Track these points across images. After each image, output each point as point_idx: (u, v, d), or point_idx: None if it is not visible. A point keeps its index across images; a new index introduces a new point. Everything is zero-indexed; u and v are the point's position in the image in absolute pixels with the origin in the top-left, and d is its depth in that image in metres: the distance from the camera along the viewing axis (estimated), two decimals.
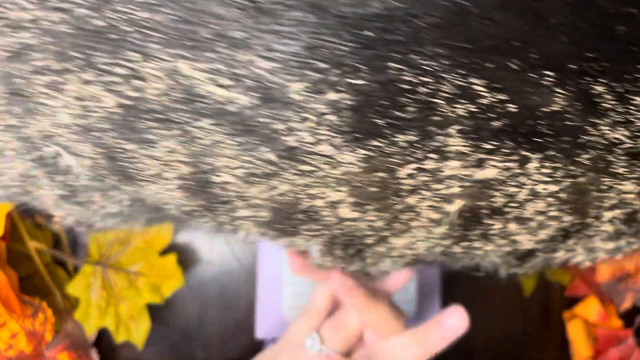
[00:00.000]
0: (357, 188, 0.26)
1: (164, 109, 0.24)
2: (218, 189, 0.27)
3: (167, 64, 0.22)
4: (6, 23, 0.23)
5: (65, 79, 0.24)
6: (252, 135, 0.24)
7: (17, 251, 0.45)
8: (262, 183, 0.26)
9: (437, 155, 0.24)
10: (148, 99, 0.23)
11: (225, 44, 0.21)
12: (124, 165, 0.27)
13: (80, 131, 0.26)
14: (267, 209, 0.28)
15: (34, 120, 0.26)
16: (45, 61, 0.23)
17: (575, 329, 0.54)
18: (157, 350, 0.51)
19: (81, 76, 0.23)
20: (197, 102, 0.23)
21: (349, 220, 0.28)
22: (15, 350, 0.42)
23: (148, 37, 0.22)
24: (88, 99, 0.24)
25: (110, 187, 0.30)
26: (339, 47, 0.21)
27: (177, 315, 0.51)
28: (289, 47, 0.21)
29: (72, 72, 0.23)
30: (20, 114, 0.26)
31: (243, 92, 0.22)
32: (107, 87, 0.23)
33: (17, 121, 0.27)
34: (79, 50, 0.23)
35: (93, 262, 0.47)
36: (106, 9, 0.22)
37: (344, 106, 0.22)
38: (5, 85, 0.25)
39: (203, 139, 0.24)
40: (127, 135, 0.25)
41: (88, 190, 0.31)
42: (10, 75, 0.24)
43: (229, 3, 0.21)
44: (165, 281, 0.47)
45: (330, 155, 0.24)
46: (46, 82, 0.24)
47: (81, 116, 0.25)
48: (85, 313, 0.46)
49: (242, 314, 0.52)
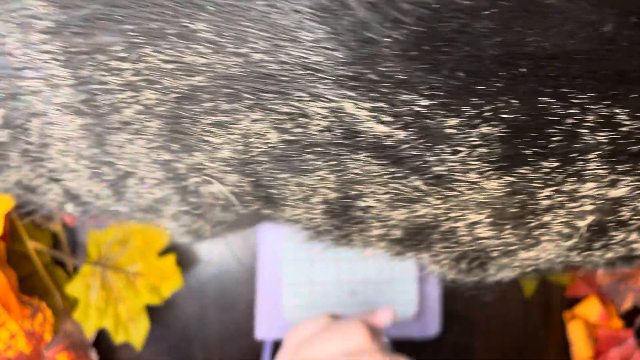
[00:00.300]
0: (496, 209, 0.28)
1: (324, 143, 0.25)
2: (359, 212, 0.29)
3: (333, 103, 0.24)
4: (179, 66, 0.24)
5: (234, 119, 0.25)
6: (404, 165, 0.25)
7: (17, 251, 0.45)
8: (405, 207, 0.28)
9: (576, 179, 0.26)
10: (310, 135, 0.25)
11: (390, 84, 0.23)
12: (271, 192, 0.29)
13: (236, 164, 0.27)
14: (402, 228, 0.30)
15: (190, 156, 0.27)
16: (214, 102, 0.25)
17: (576, 330, 0.54)
18: (156, 351, 0.51)
19: (250, 115, 0.25)
20: (356, 137, 0.25)
21: (483, 238, 0.30)
22: (15, 350, 0.42)
23: (318, 79, 0.23)
24: (253, 136, 0.26)
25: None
26: (495, 84, 0.23)
27: (177, 315, 0.51)
28: (448, 85, 0.23)
29: (242, 112, 0.25)
30: (177, 150, 0.27)
31: (401, 128, 0.24)
32: (274, 125, 0.25)
33: (172, 156, 0.28)
34: (250, 92, 0.24)
35: (92, 263, 0.47)
36: (281, 53, 0.23)
37: (495, 138, 0.24)
38: (169, 125, 0.26)
39: (356, 169, 0.26)
40: (283, 166, 0.27)
41: (214, 208, 0.33)
42: (178, 115, 0.25)
43: (395, 52, 0.22)
44: (164, 282, 0.47)
45: (476, 182, 0.26)
46: (213, 121, 0.25)
47: (242, 151, 0.27)
48: (85, 313, 0.46)
49: (242, 314, 0.52)
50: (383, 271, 0.51)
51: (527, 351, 0.57)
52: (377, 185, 0.27)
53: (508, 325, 0.57)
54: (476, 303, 0.56)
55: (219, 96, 0.24)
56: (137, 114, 0.26)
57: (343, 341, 0.37)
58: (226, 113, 0.25)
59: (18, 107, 0.27)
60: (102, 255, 0.47)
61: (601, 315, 0.53)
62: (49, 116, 0.27)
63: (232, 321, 0.52)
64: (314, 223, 0.31)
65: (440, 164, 0.25)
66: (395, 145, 0.25)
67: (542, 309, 0.57)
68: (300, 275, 0.50)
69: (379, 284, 0.51)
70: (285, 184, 0.28)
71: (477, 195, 0.27)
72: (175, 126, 0.26)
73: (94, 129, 0.27)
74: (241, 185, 0.29)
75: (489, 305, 0.56)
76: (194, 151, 0.27)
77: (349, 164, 0.26)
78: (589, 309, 0.54)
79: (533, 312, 0.57)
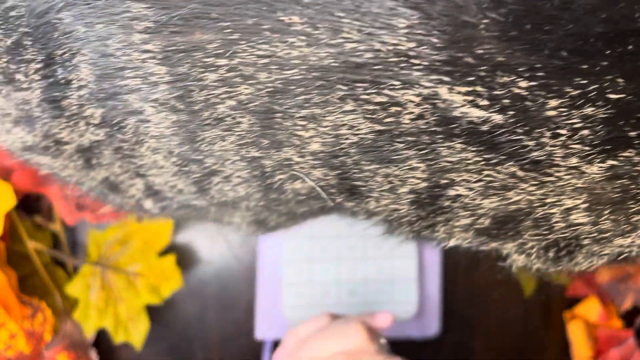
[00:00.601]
0: (594, 195, 0.27)
1: (416, 132, 0.25)
2: (449, 201, 0.28)
3: (427, 90, 0.23)
4: (273, 60, 0.24)
5: (326, 111, 0.25)
6: (500, 151, 0.25)
7: (17, 251, 0.45)
8: (498, 195, 0.27)
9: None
10: (402, 124, 0.24)
11: (487, 67, 0.22)
12: (357, 185, 0.28)
13: (325, 157, 0.27)
14: (491, 217, 0.29)
15: (279, 152, 0.27)
16: (307, 95, 0.24)
17: (576, 330, 0.54)
18: (156, 351, 0.51)
19: (342, 107, 0.24)
20: (450, 123, 0.24)
21: (578, 225, 0.29)
22: (15, 350, 0.42)
23: (412, 66, 0.23)
24: (344, 127, 0.25)
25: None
26: (600, 62, 0.22)
27: (177, 315, 0.51)
28: (549, 66, 0.22)
29: (333, 103, 0.24)
30: (266, 147, 0.27)
31: (498, 112, 0.23)
32: (365, 115, 0.24)
33: (260, 153, 0.28)
34: (342, 83, 0.24)
35: (92, 263, 0.47)
36: (374, 42, 0.23)
37: (598, 120, 0.23)
38: (260, 120, 0.26)
39: (449, 157, 0.25)
40: (372, 157, 0.26)
41: (290, 202, 0.33)
42: (270, 110, 0.25)
43: (493, 33, 0.22)
44: (164, 282, 0.47)
45: (576, 167, 0.25)
46: (305, 114, 0.25)
47: (332, 144, 0.26)
48: (85, 313, 0.46)
49: (242, 314, 0.52)
50: (383, 271, 0.51)
51: (527, 351, 0.57)
52: (469, 173, 0.26)
53: (508, 325, 0.57)
54: (476, 303, 0.56)
55: (311, 89, 0.24)
56: (230, 110, 0.26)
57: (341, 341, 0.37)
58: (318, 105, 0.25)
59: (117, 106, 0.27)
60: (102, 255, 0.47)
61: (601, 315, 0.53)
62: (145, 114, 0.27)
63: (232, 321, 0.52)
64: (398, 214, 0.30)
65: (538, 148, 0.24)
66: (491, 130, 0.24)
67: (542, 309, 0.57)
68: (300, 275, 0.50)
69: (379, 284, 0.51)
70: (373, 176, 0.28)
71: (575, 180, 0.26)
72: (267, 121, 0.26)
73: (187, 126, 0.27)
74: (327, 179, 0.29)
75: (489, 305, 0.56)
76: (283, 147, 0.27)
77: (442, 152, 0.25)
78: (589, 309, 0.54)
79: (533, 312, 0.57)
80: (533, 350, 0.57)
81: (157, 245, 0.48)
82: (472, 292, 0.56)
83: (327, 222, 0.50)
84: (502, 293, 0.56)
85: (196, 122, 0.27)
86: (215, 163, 0.29)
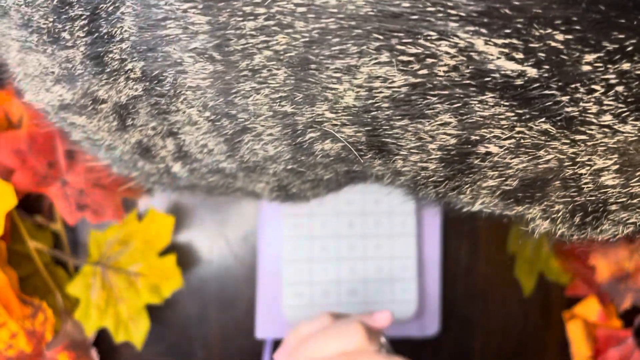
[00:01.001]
0: (626, 155, 0.26)
1: (450, 85, 0.25)
2: (478, 160, 0.28)
3: (463, 41, 0.23)
4: (311, 9, 0.24)
5: (361, 62, 0.25)
6: (533, 106, 0.24)
7: (18, 251, 0.45)
8: (528, 154, 0.27)
9: None
10: (436, 76, 0.24)
11: (524, 19, 0.22)
12: (386, 142, 0.28)
13: (357, 112, 0.27)
14: (519, 178, 0.29)
15: (312, 107, 0.27)
16: (343, 45, 0.24)
17: (575, 329, 0.54)
18: (157, 350, 0.51)
19: (377, 58, 0.24)
20: (484, 76, 0.24)
21: (608, 187, 0.28)
22: (15, 350, 0.42)
23: (449, 16, 0.23)
24: (378, 80, 0.25)
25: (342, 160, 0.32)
26: (639, 16, 0.21)
27: (177, 315, 0.51)
28: (587, 19, 0.22)
29: (369, 54, 0.24)
30: (299, 101, 0.27)
31: (534, 65, 0.23)
32: (400, 67, 0.24)
33: (293, 108, 0.28)
34: (379, 32, 0.24)
35: (93, 263, 0.47)
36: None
37: (635, 76, 0.23)
38: (295, 73, 0.26)
39: (481, 112, 0.25)
40: (404, 112, 0.26)
41: (317, 166, 0.33)
42: (305, 61, 0.25)
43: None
44: (164, 282, 0.47)
45: (610, 125, 0.25)
46: (340, 65, 0.25)
47: (365, 98, 0.26)
48: (85, 313, 0.46)
49: (242, 314, 0.52)
50: (383, 271, 0.51)
51: (526, 351, 0.57)
52: (501, 130, 0.26)
53: (507, 324, 0.57)
54: (476, 303, 0.56)
55: (347, 39, 0.24)
56: (266, 61, 0.26)
57: (341, 342, 0.37)
58: (353, 56, 0.25)
59: (157, 58, 0.28)
60: (103, 255, 0.47)
61: (600, 315, 0.53)
62: (183, 65, 0.27)
63: (233, 320, 0.52)
64: (425, 174, 0.30)
65: (572, 104, 0.24)
66: (525, 84, 0.24)
67: (542, 309, 0.57)
68: (301, 275, 0.50)
69: (379, 284, 0.51)
70: (404, 132, 0.27)
71: (608, 139, 0.25)
72: (302, 74, 0.26)
73: (223, 77, 0.27)
74: (357, 136, 0.29)
75: (489, 305, 0.56)
76: (316, 102, 0.27)
77: (474, 106, 0.25)
78: (588, 308, 0.54)
79: (532, 311, 0.57)
80: (532, 350, 0.57)
81: (158, 245, 0.48)
82: (472, 291, 0.56)
83: (327, 222, 0.50)
84: (501, 293, 0.56)
85: (232, 74, 0.27)
86: (247, 119, 0.29)
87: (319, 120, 0.28)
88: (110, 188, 0.44)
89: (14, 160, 0.41)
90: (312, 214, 0.50)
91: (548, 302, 0.57)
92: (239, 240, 0.52)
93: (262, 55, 0.26)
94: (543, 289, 0.57)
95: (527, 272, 0.56)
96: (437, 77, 0.24)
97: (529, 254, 0.56)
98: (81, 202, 0.44)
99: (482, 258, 0.56)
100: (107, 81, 0.29)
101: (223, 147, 0.33)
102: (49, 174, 0.43)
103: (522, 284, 0.56)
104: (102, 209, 0.44)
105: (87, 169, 0.43)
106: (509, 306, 0.57)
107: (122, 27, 0.27)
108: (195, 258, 0.52)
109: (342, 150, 0.30)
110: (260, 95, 0.28)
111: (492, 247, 0.56)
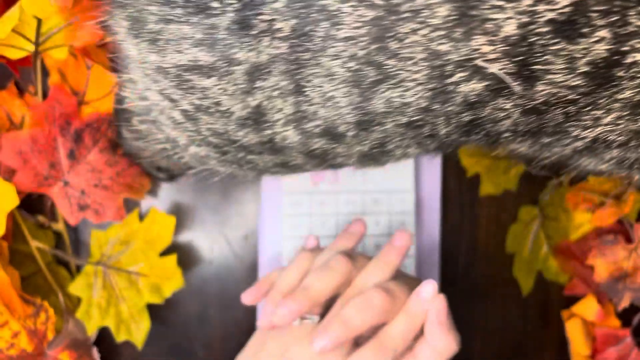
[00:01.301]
0: None
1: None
2: (622, 71, 0.28)
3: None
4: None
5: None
6: None
7: (20, 251, 0.46)
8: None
9: None
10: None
11: None
12: (534, 69, 0.28)
13: (515, 41, 0.27)
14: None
15: (468, 42, 0.27)
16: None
17: (574, 328, 0.54)
18: (158, 349, 0.51)
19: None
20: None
21: None
22: (17, 349, 0.42)
23: None
24: (542, 3, 0.25)
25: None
26: None
27: (178, 314, 0.52)
28: None
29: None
30: (458, 37, 0.27)
31: None
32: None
33: (449, 46, 0.27)
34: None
35: (94, 262, 0.47)
36: None
37: None
38: (457, 7, 0.26)
39: (637, 22, 0.25)
40: (562, 34, 0.26)
41: (438, 120, 0.32)
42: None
43: None
44: (165, 282, 0.48)
45: None
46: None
47: (525, 24, 0.26)
48: (87, 312, 0.47)
49: (243, 313, 0.52)
50: None
51: (525, 350, 0.57)
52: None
53: (506, 324, 0.57)
54: (475, 303, 0.56)
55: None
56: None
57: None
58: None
59: (311, 13, 0.27)
60: (104, 255, 0.48)
61: (599, 314, 0.53)
62: (340, 16, 0.27)
63: (233, 320, 0.52)
64: (563, 93, 0.30)
65: None
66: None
67: (540, 308, 0.57)
68: None
69: None
70: (555, 57, 0.27)
71: None
72: (464, 7, 0.26)
73: (381, 22, 0.27)
74: (507, 68, 0.28)
75: (487, 304, 0.57)
76: (474, 35, 0.26)
77: (631, 17, 0.25)
78: (587, 307, 0.54)
79: (531, 310, 0.57)
80: (531, 349, 0.57)
81: (159, 245, 0.48)
82: (471, 291, 0.56)
83: (327, 222, 0.51)
84: (500, 292, 0.57)
85: (392, 17, 0.26)
86: (394, 65, 0.28)
87: (472, 57, 0.27)
88: (112, 189, 0.44)
89: (16, 161, 0.42)
90: (312, 214, 0.51)
91: (547, 302, 0.57)
92: (239, 240, 0.52)
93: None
94: (542, 289, 0.57)
95: (525, 271, 0.56)
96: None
97: (528, 254, 0.56)
98: (82, 202, 0.44)
99: (480, 258, 0.56)
100: (250, 43, 0.28)
101: (355, 99, 0.31)
102: (51, 175, 0.43)
103: (520, 283, 0.56)
104: (103, 209, 0.44)
105: (89, 169, 0.43)
106: (508, 305, 0.57)
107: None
108: (196, 258, 0.52)
109: (484, 91, 0.29)
110: (418, 35, 0.27)
111: (491, 247, 0.56)
